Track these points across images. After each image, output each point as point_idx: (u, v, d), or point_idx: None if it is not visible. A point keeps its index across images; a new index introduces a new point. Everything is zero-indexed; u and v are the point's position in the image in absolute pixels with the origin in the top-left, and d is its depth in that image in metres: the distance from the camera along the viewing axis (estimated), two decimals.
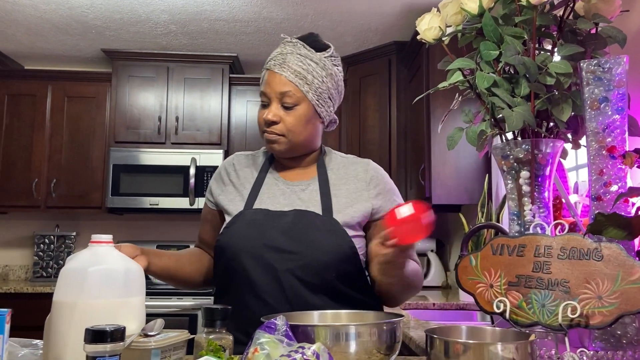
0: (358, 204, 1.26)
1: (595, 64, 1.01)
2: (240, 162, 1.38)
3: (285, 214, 1.23)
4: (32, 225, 3.94)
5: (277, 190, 1.29)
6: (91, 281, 0.89)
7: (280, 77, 1.24)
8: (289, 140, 1.25)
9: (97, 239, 0.95)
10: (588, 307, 0.90)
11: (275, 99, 1.24)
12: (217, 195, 1.35)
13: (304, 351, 0.62)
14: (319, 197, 1.26)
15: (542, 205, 1.09)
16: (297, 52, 1.26)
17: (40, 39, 3.58)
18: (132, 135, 3.67)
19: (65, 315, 0.87)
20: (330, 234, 1.20)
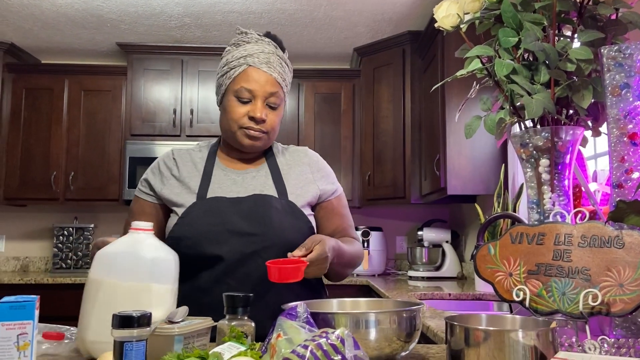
0: (307, 186, 1.35)
1: (616, 50, 1.00)
2: (181, 157, 1.38)
3: (244, 200, 1.26)
4: (51, 218, 4.00)
5: (228, 180, 1.32)
6: (118, 263, 0.93)
7: (269, 77, 1.28)
8: (268, 138, 1.32)
9: (137, 227, 0.99)
10: (609, 295, 0.90)
11: (261, 97, 1.27)
12: (159, 189, 1.33)
13: (328, 335, 0.63)
14: (272, 182, 1.32)
15: (562, 193, 1.08)
16: (276, 53, 1.32)
17: (57, 33, 3.62)
18: (147, 128, 3.70)
19: (91, 292, 0.94)
20: (289, 215, 1.27)
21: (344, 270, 1.34)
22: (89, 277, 0.97)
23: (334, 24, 3.45)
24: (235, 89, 1.28)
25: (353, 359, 0.61)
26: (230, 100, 1.30)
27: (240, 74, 1.28)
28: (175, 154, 1.39)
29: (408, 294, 2.55)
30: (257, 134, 1.28)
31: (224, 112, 1.33)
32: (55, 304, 3.29)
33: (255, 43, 1.31)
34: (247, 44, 1.31)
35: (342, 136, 3.82)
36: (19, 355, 0.66)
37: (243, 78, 1.28)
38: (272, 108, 1.30)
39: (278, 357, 0.64)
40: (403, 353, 0.90)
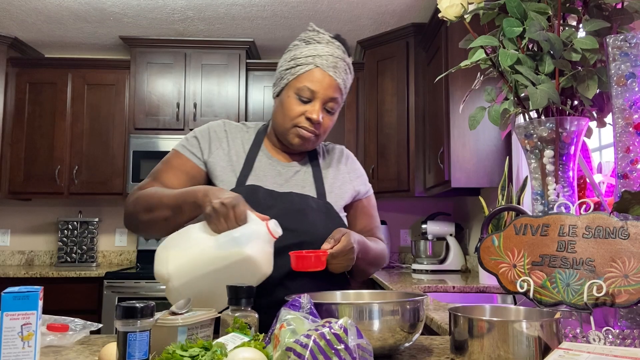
0: (344, 186, 1.37)
1: (621, 39, 0.99)
2: (232, 130, 1.36)
3: (281, 195, 1.26)
4: (56, 212, 4.02)
5: (273, 171, 1.31)
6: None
7: (333, 82, 1.26)
8: (317, 141, 1.31)
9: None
10: (614, 286, 0.89)
11: (320, 99, 1.26)
12: (206, 154, 1.30)
13: (331, 325, 0.63)
14: (312, 180, 1.32)
15: (566, 184, 1.07)
16: (344, 58, 1.30)
17: (60, 27, 3.61)
18: (151, 122, 3.70)
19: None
20: (324, 215, 1.27)
21: (368, 268, 1.33)
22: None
23: (337, 17, 3.44)
24: (297, 86, 1.26)
25: (356, 347, 0.61)
26: (289, 96, 1.27)
27: (305, 73, 1.26)
28: (226, 126, 1.36)
29: (412, 286, 2.55)
30: (309, 135, 1.27)
31: (280, 106, 1.30)
32: (60, 298, 3.31)
33: (326, 45, 1.29)
34: (318, 44, 1.29)
35: (345, 129, 3.81)
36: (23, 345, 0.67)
37: (308, 77, 1.26)
38: (329, 112, 1.29)
39: (281, 347, 0.64)
40: (407, 344, 0.90)
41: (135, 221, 1.24)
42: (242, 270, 0.98)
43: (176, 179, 1.29)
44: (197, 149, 1.31)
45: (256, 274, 1.01)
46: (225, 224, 1.02)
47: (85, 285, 3.36)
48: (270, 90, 3.82)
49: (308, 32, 1.33)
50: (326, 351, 0.60)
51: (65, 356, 0.93)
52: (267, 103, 3.81)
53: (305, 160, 1.37)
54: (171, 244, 1.05)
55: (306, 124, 1.26)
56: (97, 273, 3.35)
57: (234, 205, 1.03)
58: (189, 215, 1.14)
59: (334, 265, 1.13)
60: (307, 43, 1.30)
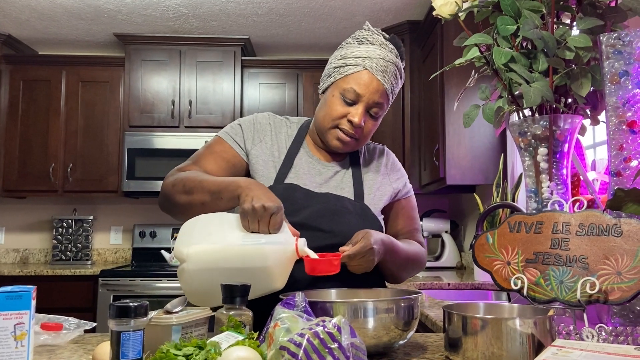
0: (383, 188, 1.33)
1: (615, 37, 0.99)
2: (276, 124, 1.34)
3: (318, 195, 1.24)
4: (50, 210, 4.00)
5: (313, 170, 1.29)
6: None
7: (381, 87, 1.23)
8: (357, 145, 1.27)
9: None
10: (607, 283, 0.90)
11: (364, 103, 1.22)
12: (250, 145, 1.29)
13: (325, 324, 0.63)
14: (352, 181, 1.29)
15: (560, 182, 1.08)
16: (395, 62, 1.25)
17: (54, 24, 3.59)
18: (146, 120, 3.69)
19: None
20: (361, 218, 1.24)
21: (399, 272, 1.28)
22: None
23: (332, 14, 3.43)
24: (343, 86, 1.23)
25: (350, 346, 0.61)
26: (334, 95, 1.24)
27: (353, 74, 1.23)
28: (271, 119, 1.34)
29: (407, 283, 2.56)
30: (348, 139, 1.24)
31: (324, 104, 1.27)
32: (54, 296, 3.30)
33: (379, 47, 1.25)
34: (371, 45, 1.25)
35: None
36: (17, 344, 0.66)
37: (355, 79, 1.22)
38: (372, 117, 1.25)
39: (275, 346, 0.64)
40: (401, 341, 0.90)
41: (171, 202, 1.20)
42: (256, 277, 0.97)
43: (216, 165, 1.27)
44: (240, 138, 1.30)
45: (269, 285, 1.00)
46: (258, 227, 1.00)
47: (80, 283, 3.35)
48: (265, 88, 3.81)
49: (362, 32, 1.29)
50: (320, 350, 0.60)
51: (59, 355, 0.93)
52: (263, 100, 3.81)
53: (346, 160, 1.34)
54: (200, 224, 1.03)
55: (347, 126, 1.23)
56: (92, 271, 3.34)
57: (273, 212, 1.01)
58: (226, 205, 1.12)
59: (352, 267, 1.09)
60: (360, 43, 1.26)
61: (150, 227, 3.89)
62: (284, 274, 1.01)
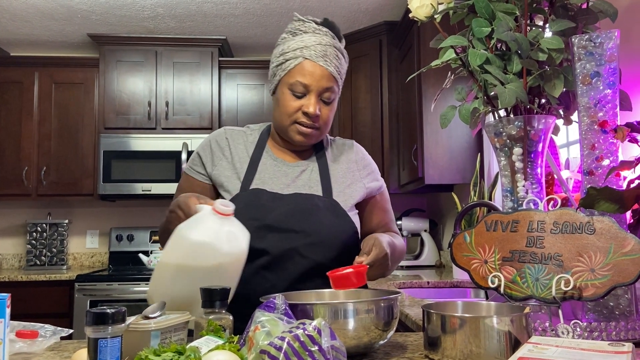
0: (353, 184, 1.32)
1: (586, 39, 1.02)
2: (233, 137, 1.34)
3: (286, 197, 1.23)
4: (24, 214, 3.92)
5: (278, 172, 1.29)
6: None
7: (324, 71, 1.23)
8: (320, 134, 1.27)
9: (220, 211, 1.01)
10: (581, 280, 0.92)
11: (315, 92, 1.23)
12: (210, 168, 1.30)
13: (305, 327, 0.63)
14: (319, 179, 1.29)
15: (534, 181, 1.10)
16: (332, 43, 1.26)
17: (26, 24, 3.52)
18: (122, 121, 3.64)
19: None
20: (332, 215, 1.24)
21: (392, 266, 1.28)
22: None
23: (309, 14, 3.41)
24: (289, 82, 1.23)
25: (330, 349, 0.62)
26: (284, 93, 1.25)
27: (295, 67, 1.23)
28: (227, 133, 1.34)
29: (387, 283, 2.57)
30: (309, 131, 1.25)
31: (276, 104, 1.28)
32: (29, 302, 3.23)
33: (313, 33, 1.25)
34: (305, 34, 1.25)
35: None
36: None
37: (298, 71, 1.23)
38: (326, 103, 1.25)
39: (255, 350, 0.64)
40: (381, 341, 0.91)
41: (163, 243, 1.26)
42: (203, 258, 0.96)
43: None
44: (200, 167, 1.32)
45: (217, 256, 0.97)
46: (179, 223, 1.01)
47: (56, 288, 3.28)
48: (243, 88, 3.79)
49: (294, 23, 1.29)
50: (300, 353, 0.60)
51: None
52: (241, 101, 3.79)
53: (312, 158, 1.33)
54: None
55: (304, 118, 1.23)
56: (67, 276, 3.28)
57: (179, 203, 1.04)
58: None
59: (370, 275, 1.09)
60: (294, 35, 1.27)
61: (127, 231, 3.83)
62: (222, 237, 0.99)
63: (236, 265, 1.02)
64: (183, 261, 0.96)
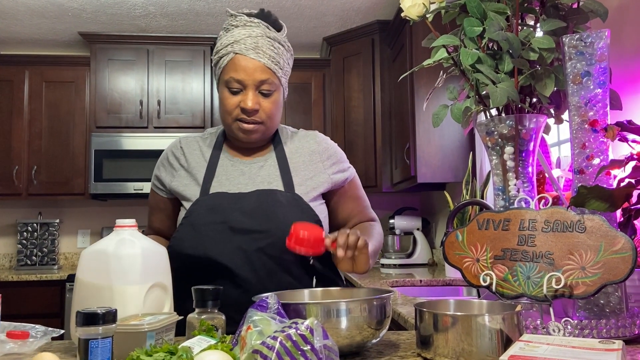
0: (317, 176, 1.29)
1: (577, 38, 1.02)
2: (189, 145, 1.33)
3: (247, 195, 1.22)
4: (15, 213, 3.89)
5: (235, 171, 1.27)
6: (85, 262, 0.91)
7: (258, 64, 1.20)
8: (265, 128, 1.25)
9: (119, 224, 0.97)
10: (572, 278, 0.92)
11: (252, 86, 1.20)
12: (168, 182, 1.29)
13: (297, 326, 0.63)
14: (279, 173, 1.27)
15: (526, 180, 1.10)
16: (266, 34, 1.22)
17: (16, 22, 3.49)
18: (113, 120, 3.62)
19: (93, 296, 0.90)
20: (295, 209, 1.21)
21: (372, 260, 1.25)
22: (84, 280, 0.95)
23: (302, 13, 3.43)
24: (225, 79, 1.22)
25: (323, 348, 0.62)
26: (222, 91, 1.24)
27: (228, 64, 1.21)
28: (182, 143, 1.33)
29: (380, 281, 2.58)
30: (251, 127, 1.22)
31: (219, 103, 1.27)
32: (20, 302, 3.21)
33: (244, 27, 1.22)
34: (235, 29, 1.23)
35: (313, 126, 3.81)
36: None
37: (231, 67, 1.21)
38: (265, 95, 1.22)
39: (248, 349, 0.64)
40: (374, 340, 0.91)
41: None
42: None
43: (159, 220, 1.34)
44: (159, 182, 1.32)
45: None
46: None
47: (47, 288, 3.26)
48: None
49: (228, 19, 1.26)
50: (292, 352, 0.60)
51: None
52: None
53: (270, 153, 1.31)
54: None
55: (243, 115, 1.22)
56: (58, 276, 3.26)
57: None
58: None
59: (359, 265, 1.09)
60: (227, 31, 1.25)
61: None
62: None
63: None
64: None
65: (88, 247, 0.97)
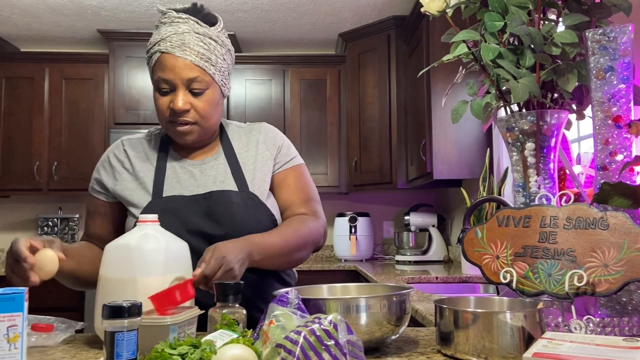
0: (264, 166, 1.25)
1: (600, 33, 1.01)
2: (133, 148, 1.25)
3: (202, 197, 1.17)
4: (35, 208, 3.95)
5: (186, 173, 1.22)
6: (108, 258, 0.94)
7: (184, 62, 1.13)
8: (201, 128, 1.18)
9: (143, 219, 0.98)
10: (594, 275, 0.92)
11: (181, 85, 1.14)
12: (111, 186, 1.22)
13: (320, 321, 0.63)
14: (230, 172, 1.22)
15: (547, 176, 1.09)
16: (194, 30, 1.15)
17: (36, 20, 3.54)
18: (131, 117, 3.65)
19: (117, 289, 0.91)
20: (251, 209, 1.18)
21: (287, 260, 1.20)
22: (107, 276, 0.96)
23: (318, 9, 3.43)
24: (154, 79, 1.16)
25: (347, 343, 0.62)
26: (154, 92, 1.18)
27: (155, 63, 1.15)
28: (125, 145, 1.26)
29: (396, 278, 2.58)
30: (184, 129, 1.16)
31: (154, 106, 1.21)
32: (42, 296, 3.26)
33: (170, 24, 1.16)
34: (163, 26, 1.16)
35: (328, 122, 3.81)
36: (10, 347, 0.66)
37: (158, 67, 1.14)
38: (196, 94, 1.15)
39: (271, 344, 0.65)
40: (393, 336, 0.91)
41: None
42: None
43: (99, 226, 1.25)
44: (101, 186, 1.24)
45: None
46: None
47: None
48: (251, 84, 3.80)
49: (159, 18, 1.20)
50: (316, 347, 0.61)
51: (51, 356, 0.93)
52: (249, 96, 3.79)
53: (219, 152, 1.26)
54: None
55: (176, 116, 1.15)
56: None
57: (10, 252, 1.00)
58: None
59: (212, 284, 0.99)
60: (157, 28, 1.19)
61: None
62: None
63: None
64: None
65: (111, 241, 0.98)
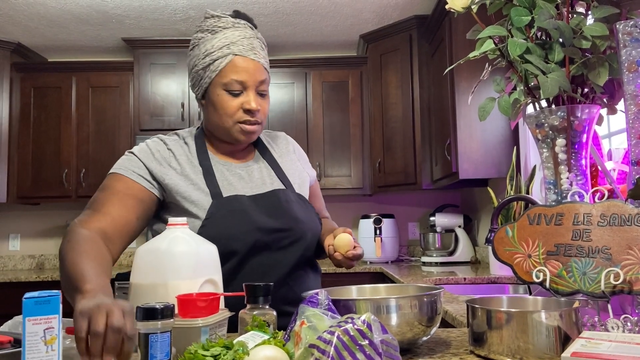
0: (302, 174, 1.36)
1: (631, 25, 0.98)
2: (176, 149, 1.25)
3: (264, 196, 1.22)
4: (65, 215, 4.04)
5: (234, 176, 1.25)
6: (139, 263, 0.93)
7: (257, 64, 1.20)
8: (261, 128, 1.26)
9: (172, 222, 0.99)
10: (631, 273, 0.89)
11: (252, 87, 1.20)
12: (160, 176, 1.18)
13: (354, 321, 0.63)
14: (275, 174, 1.30)
15: (579, 172, 1.07)
16: (256, 36, 1.24)
17: (62, 30, 3.62)
18: (156, 123, 3.71)
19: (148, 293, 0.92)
20: (304, 208, 1.27)
21: None
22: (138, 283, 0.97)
23: (339, 11, 3.43)
24: (223, 82, 1.19)
25: (381, 343, 0.61)
26: (219, 94, 1.20)
27: (227, 65, 1.18)
28: (169, 144, 1.25)
29: (422, 279, 2.55)
30: (253, 128, 1.22)
31: (212, 107, 1.21)
32: None
33: (234, 28, 1.21)
34: (225, 30, 1.20)
35: (351, 124, 3.81)
36: (47, 349, 0.67)
37: (231, 69, 1.18)
38: (262, 95, 1.23)
39: (303, 344, 0.64)
40: (425, 337, 0.90)
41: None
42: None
43: (124, 208, 1.13)
44: (143, 171, 1.18)
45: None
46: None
47: None
48: (273, 87, 3.81)
49: (209, 21, 1.23)
50: (350, 347, 0.60)
51: None
52: (272, 100, 3.81)
53: (256, 156, 1.32)
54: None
55: (247, 116, 1.20)
56: None
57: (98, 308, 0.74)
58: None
59: (347, 262, 1.16)
60: (214, 33, 1.21)
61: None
62: None
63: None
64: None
65: (141, 245, 0.99)
